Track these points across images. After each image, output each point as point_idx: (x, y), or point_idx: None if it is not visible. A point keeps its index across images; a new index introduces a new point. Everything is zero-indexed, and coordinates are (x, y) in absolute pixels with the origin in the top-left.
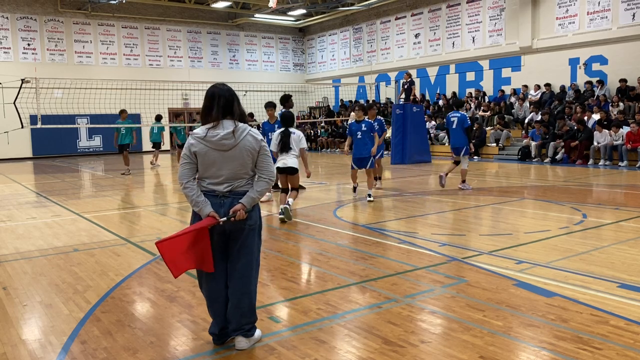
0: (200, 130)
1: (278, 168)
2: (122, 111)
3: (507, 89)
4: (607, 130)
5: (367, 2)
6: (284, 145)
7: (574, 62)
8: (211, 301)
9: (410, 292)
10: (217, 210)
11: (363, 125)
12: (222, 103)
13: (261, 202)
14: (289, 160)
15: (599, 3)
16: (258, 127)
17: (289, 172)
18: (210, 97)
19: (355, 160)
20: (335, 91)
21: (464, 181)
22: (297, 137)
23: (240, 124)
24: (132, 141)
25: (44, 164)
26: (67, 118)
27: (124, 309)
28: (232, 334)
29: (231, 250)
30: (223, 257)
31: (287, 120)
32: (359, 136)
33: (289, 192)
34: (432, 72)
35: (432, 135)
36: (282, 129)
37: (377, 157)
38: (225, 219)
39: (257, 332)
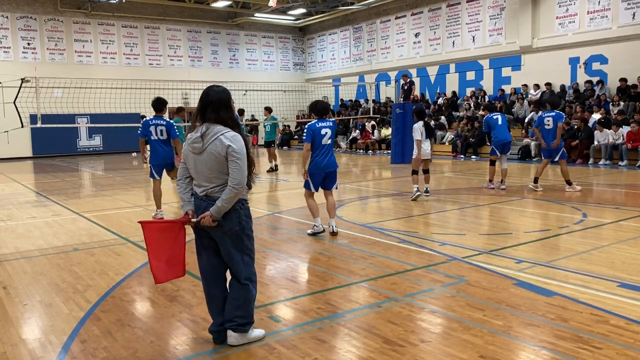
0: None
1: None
2: (180, 109)
3: (507, 89)
4: (607, 130)
5: (367, 2)
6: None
7: (574, 62)
8: (209, 300)
9: (410, 291)
10: (196, 212)
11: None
12: (198, 107)
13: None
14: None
15: (599, 2)
16: (251, 129)
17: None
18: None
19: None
20: (336, 90)
21: (490, 180)
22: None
23: (215, 127)
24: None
25: (44, 164)
26: (67, 117)
27: (124, 308)
28: (225, 325)
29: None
30: (216, 255)
31: (422, 113)
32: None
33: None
34: (432, 72)
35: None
36: (421, 121)
37: (559, 158)
38: (195, 220)
39: (256, 332)
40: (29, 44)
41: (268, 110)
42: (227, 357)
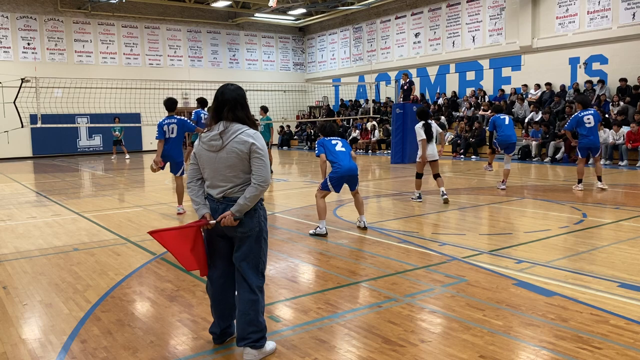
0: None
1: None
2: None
3: (507, 89)
4: (608, 130)
5: (367, 2)
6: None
7: (574, 62)
8: (213, 303)
9: (410, 291)
10: (213, 215)
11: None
12: (213, 106)
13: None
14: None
15: (599, 2)
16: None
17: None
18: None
19: (338, 180)
20: (335, 90)
21: (490, 164)
22: (436, 128)
23: (234, 125)
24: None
25: (44, 164)
26: (67, 117)
27: (124, 308)
28: (239, 344)
29: (234, 256)
30: (226, 262)
31: (424, 114)
32: (339, 148)
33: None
34: (432, 72)
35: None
36: (423, 121)
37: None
38: (214, 222)
39: (270, 345)
40: (29, 44)
41: (263, 109)
42: (227, 357)
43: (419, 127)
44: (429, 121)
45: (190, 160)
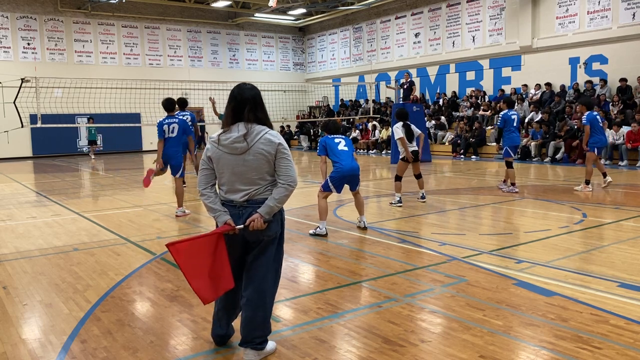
0: (216, 134)
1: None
2: None
3: (507, 89)
4: (609, 130)
5: (367, 2)
6: (411, 136)
7: (574, 62)
8: (225, 306)
9: (410, 291)
10: (236, 221)
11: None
12: (231, 106)
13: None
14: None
15: (599, 2)
16: (282, 129)
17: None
18: (228, 99)
19: (339, 179)
20: (335, 90)
21: (513, 184)
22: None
23: (256, 127)
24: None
25: (44, 163)
26: (67, 117)
27: (124, 308)
28: (242, 345)
29: (248, 260)
30: (240, 266)
31: (403, 115)
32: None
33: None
34: (432, 72)
35: (432, 134)
36: (401, 122)
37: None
38: (241, 226)
39: (270, 345)
40: (29, 44)
41: None
42: (227, 357)
43: (397, 127)
44: (408, 122)
45: (201, 166)
